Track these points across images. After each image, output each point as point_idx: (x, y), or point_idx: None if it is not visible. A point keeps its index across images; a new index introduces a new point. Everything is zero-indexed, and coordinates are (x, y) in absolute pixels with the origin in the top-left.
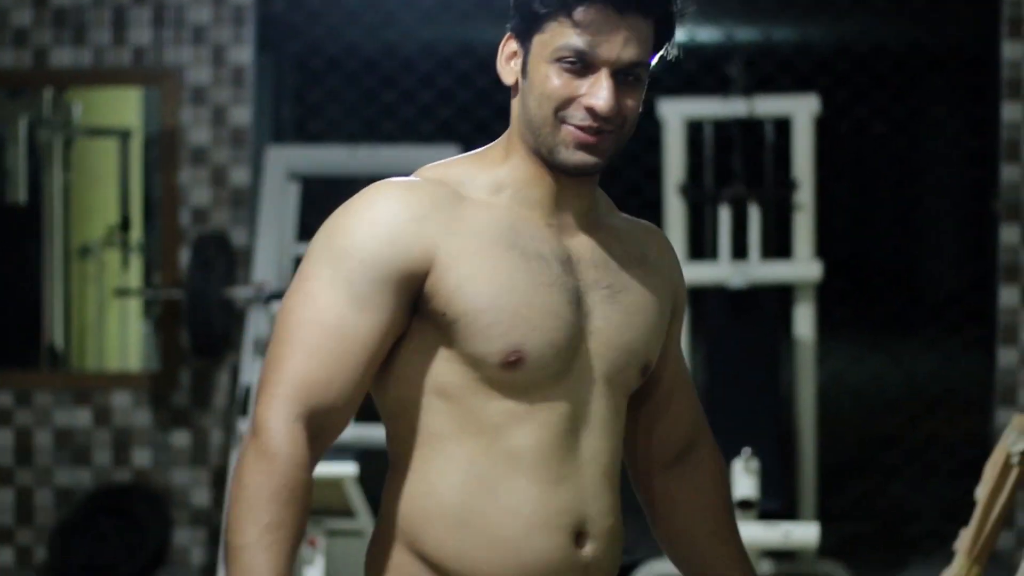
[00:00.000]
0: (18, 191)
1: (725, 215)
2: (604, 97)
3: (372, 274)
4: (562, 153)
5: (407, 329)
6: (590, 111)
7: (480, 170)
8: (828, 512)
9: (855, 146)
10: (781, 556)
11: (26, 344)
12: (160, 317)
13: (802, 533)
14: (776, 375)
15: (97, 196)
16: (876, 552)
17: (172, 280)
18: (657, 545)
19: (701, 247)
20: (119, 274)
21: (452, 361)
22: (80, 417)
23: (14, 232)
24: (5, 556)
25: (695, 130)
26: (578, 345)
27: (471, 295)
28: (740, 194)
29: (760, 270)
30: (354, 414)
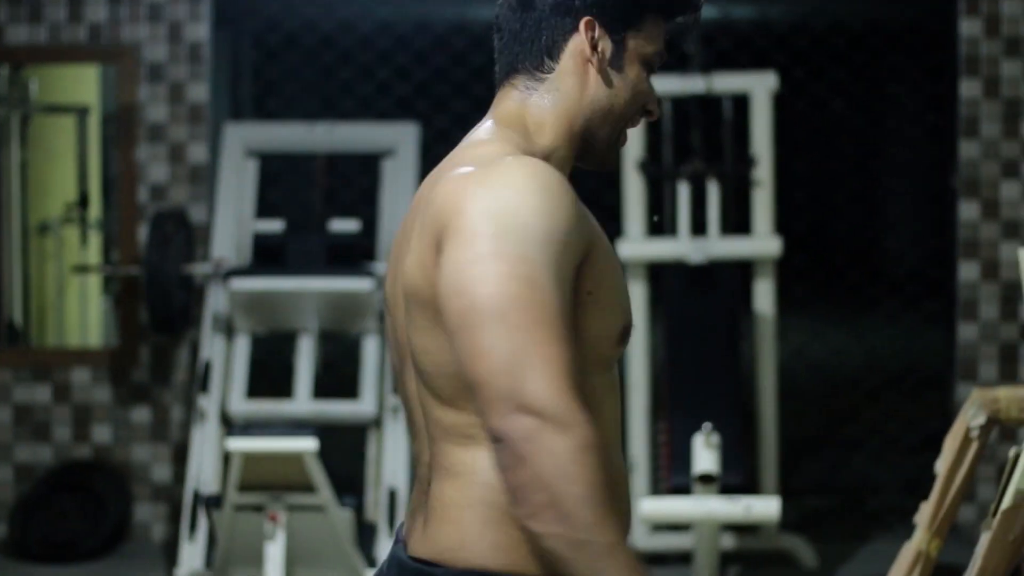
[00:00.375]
0: None
1: (684, 191)
2: (658, 106)
3: (570, 257)
4: (614, 151)
5: None
6: (647, 115)
7: (529, 152)
8: (789, 486)
9: (814, 123)
10: (743, 530)
11: None
12: (119, 293)
13: (763, 507)
14: (736, 351)
15: (55, 173)
16: (837, 526)
17: (131, 257)
18: None
19: (660, 223)
20: (78, 251)
21: (577, 340)
22: (40, 393)
23: None
24: None
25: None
26: None
27: (608, 273)
28: (699, 170)
29: (719, 246)
30: None
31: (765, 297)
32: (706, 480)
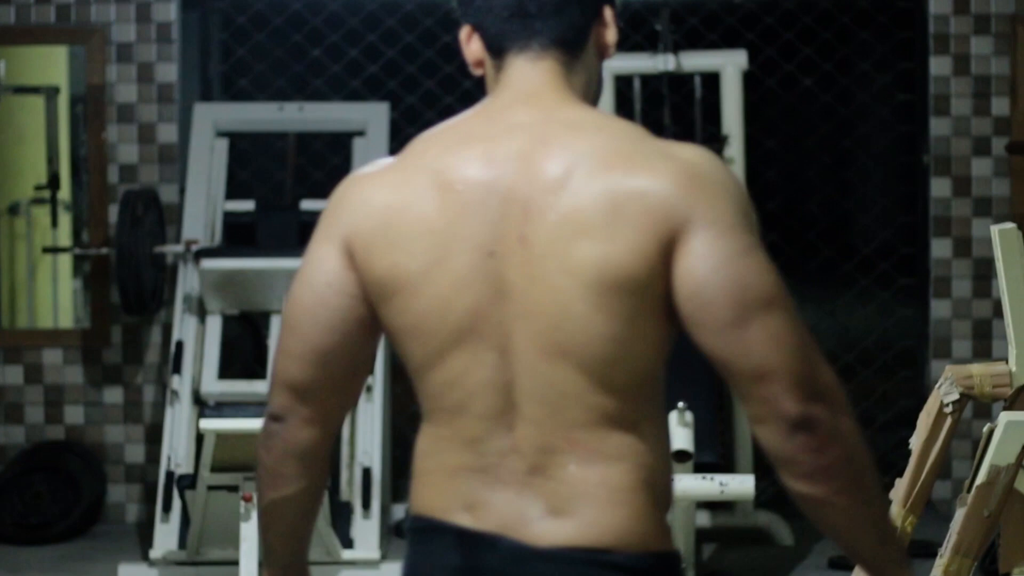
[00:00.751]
0: None
1: None
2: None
3: None
4: None
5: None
6: None
7: None
8: (764, 464)
9: (784, 101)
10: (718, 507)
11: None
12: (90, 274)
13: (738, 485)
14: None
15: (24, 154)
16: None
17: (101, 237)
18: None
19: None
20: (48, 232)
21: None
22: (11, 375)
23: None
24: None
25: (624, 85)
26: None
27: None
28: None
29: None
30: None
31: None
32: (681, 457)
